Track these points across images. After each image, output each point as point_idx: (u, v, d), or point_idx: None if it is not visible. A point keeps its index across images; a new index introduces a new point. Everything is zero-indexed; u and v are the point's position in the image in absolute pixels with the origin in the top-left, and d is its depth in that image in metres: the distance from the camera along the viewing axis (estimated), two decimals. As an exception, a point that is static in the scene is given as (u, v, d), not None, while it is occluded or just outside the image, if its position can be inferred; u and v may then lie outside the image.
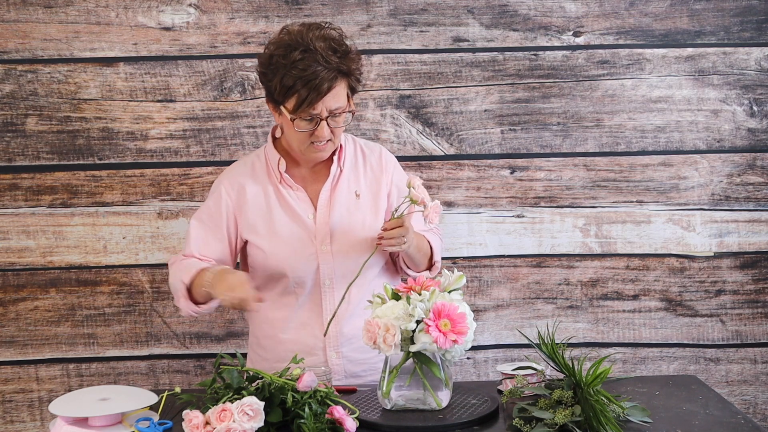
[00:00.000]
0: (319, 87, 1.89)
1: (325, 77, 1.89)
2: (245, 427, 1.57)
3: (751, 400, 2.65)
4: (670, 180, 2.61)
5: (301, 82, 1.89)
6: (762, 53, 2.58)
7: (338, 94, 1.94)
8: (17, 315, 2.62)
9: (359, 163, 2.12)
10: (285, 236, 2.04)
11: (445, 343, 1.64)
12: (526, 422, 1.62)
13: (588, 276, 2.63)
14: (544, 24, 2.58)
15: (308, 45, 1.90)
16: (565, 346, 1.70)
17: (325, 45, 1.92)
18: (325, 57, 1.89)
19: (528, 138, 2.60)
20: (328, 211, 2.06)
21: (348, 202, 2.07)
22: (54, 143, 2.59)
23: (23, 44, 2.57)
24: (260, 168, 2.10)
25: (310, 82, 1.88)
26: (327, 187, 2.07)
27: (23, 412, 2.65)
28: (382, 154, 2.15)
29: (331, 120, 1.95)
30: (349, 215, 2.07)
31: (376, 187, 2.10)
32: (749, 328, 2.64)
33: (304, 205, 2.07)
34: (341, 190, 2.07)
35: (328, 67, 1.90)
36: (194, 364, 2.65)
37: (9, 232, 2.61)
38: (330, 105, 1.93)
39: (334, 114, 1.94)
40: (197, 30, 2.57)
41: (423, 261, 2.08)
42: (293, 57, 1.90)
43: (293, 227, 2.05)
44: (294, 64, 1.89)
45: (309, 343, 2.05)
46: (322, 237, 2.04)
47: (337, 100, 1.93)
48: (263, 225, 2.06)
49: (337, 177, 2.08)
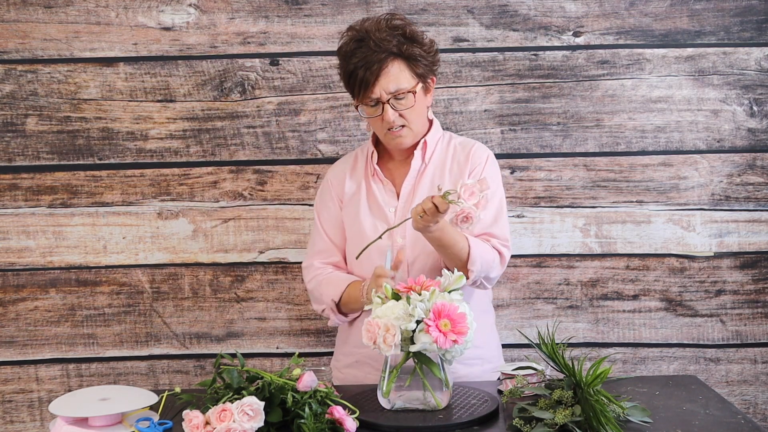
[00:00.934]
0: (371, 68, 1.98)
1: (376, 59, 1.98)
2: (245, 427, 1.57)
3: (751, 400, 2.65)
4: (670, 180, 2.61)
5: (357, 67, 1.99)
6: (762, 53, 2.58)
7: (394, 74, 2.00)
8: (17, 315, 2.62)
9: (448, 158, 2.14)
10: (366, 228, 2.10)
11: (445, 343, 1.64)
12: (526, 422, 1.62)
13: (588, 276, 2.63)
14: (544, 24, 2.58)
15: (365, 34, 2.01)
16: (565, 346, 1.70)
17: (381, 32, 2.01)
18: (378, 42, 1.99)
19: (528, 138, 2.60)
20: (409, 206, 2.10)
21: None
22: (54, 143, 2.59)
23: (23, 44, 2.57)
24: (361, 161, 2.20)
25: (363, 65, 1.98)
26: (410, 181, 2.12)
27: (23, 412, 2.65)
28: (473, 149, 2.14)
29: (395, 102, 2.02)
30: None
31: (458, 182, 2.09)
32: (749, 328, 2.64)
33: (388, 198, 2.13)
34: (424, 184, 2.11)
35: (380, 50, 1.99)
36: (194, 364, 2.65)
37: (9, 232, 2.61)
38: (387, 87, 2.00)
39: (396, 96, 2.01)
40: (197, 30, 2.57)
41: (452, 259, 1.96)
42: (351, 47, 2.02)
43: (374, 220, 2.11)
44: (353, 53, 2.01)
45: None
46: (400, 230, 2.05)
47: (395, 82, 2.00)
48: (352, 216, 2.14)
49: (421, 171, 2.12)
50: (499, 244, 2.06)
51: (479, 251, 1.97)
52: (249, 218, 2.61)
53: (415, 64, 2.03)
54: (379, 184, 2.15)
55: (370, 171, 2.16)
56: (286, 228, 2.61)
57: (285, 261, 2.62)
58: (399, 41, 2.01)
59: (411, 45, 2.02)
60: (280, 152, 2.59)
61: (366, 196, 2.15)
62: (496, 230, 2.07)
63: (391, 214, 2.11)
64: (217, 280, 2.62)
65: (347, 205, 2.17)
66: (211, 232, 2.62)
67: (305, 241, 2.60)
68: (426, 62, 2.05)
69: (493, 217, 2.09)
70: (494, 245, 2.04)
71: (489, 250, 2.01)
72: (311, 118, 2.60)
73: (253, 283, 2.62)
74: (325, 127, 2.60)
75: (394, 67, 2.00)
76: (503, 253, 2.06)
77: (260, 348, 2.64)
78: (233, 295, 2.63)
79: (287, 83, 2.59)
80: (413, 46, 2.03)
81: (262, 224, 2.61)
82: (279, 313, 2.63)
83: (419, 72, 2.04)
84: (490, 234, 2.06)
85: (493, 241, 2.05)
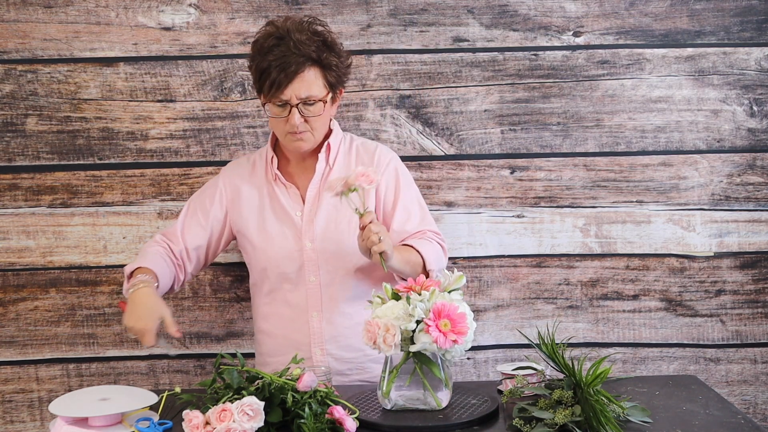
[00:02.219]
0: (287, 70, 1.95)
1: (293, 61, 1.95)
2: (245, 427, 1.57)
3: (751, 400, 2.65)
4: (670, 180, 2.61)
5: (272, 65, 1.96)
6: (762, 53, 2.58)
7: (309, 81, 1.98)
8: (17, 315, 2.62)
9: (351, 160, 2.15)
10: (273, 233, 2.10)
11: (445, 343, 1.64)
12: (526, 422, 1.62)
13: (588, 276, 2.63)
14: (544, 24, 2.58)
15: (284, 33, 1.98)
16: (565, 346, 1.70)
17: (303, 35, 1.98)
18: (298, 44, 1.96)
19: (528, 138, 2.60)
20: (315, 209, 2.08)
21: (336, 200, 2.07)
22: (54, 143, 2.59)
23: (23, 44, 2.57)
24: (260, 166, 2.17)
25: (279, 65, 1.95)
26: (315, 185, 2.11)
27: (23, 412, 2.65)
28: (377, 151, 2.16)
29: (304, 108, 2.00)
30: (336, 213, 2.09)
31: None
32: (749, 328, 2.64)
33: (293, 202, 2.12)
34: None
35: (299, 53, 1.96)
36: (194, 364, 2.65)
37: (9, 232, 2.61)
38: (299, 92, 1.98)
39: (305, 102, 1.99)
40: (197, 30, 2.57)
41: (414, 272, 2.01)
42: (269, 43, 1.99)
43: (281, 224, 2.10)
44: (270, 49, 1.98)
45: (295, 338, 2.10)
46: (308, 234, 2.06)
47: (307, 88, 1.98)
48: (254, 222, 2.12)
49: (326, 174, 2.12)
50: (432, 234, 2.13)
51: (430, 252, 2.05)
52: (249, 218, 2.61)
53: (329, 73, 2.02)
54: (282, 189, 2.12)
55: (272, 176, 2.14)
56: (286, 228, 2.61)
57: (285, 261, 2.62)
58: (318, 47, 1.99)
59: (329, 54, 2.01)
60: (280, 152, 2.59)
61: (269, 201, 2.12)
62: (425, 226, 2.14)
63: (298, 218, 2.09)
64: (217, 280, 2.62)
65: (247, 213, 2.14)
66: (211, 232, 2.61)
67: (305, 241, 2.60)
68: (339, 73, 2.05)
69: (419, 216, 2.15)
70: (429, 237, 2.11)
71: (434, 247, 2.09)
72: (311, 118, 2.59)
73: (253, 283, 2.62)
74: (325, 127, 2.59)
75: (310, 74, 1.98)
76: (444, 246, 2.15)
77: (260, 348, 2.63)
78: (233, 295, 2.63)
79: (287, 83, 2.59)
80: (331, 55, 2.01)
81: (262, 224, 2.61)
82: (279, 313, 2.63)
83: (331, 81, 2.03)
84: (422, 231, 2.13)
85: (429, 234, 2.12)
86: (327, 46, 2.01)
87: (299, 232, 2.09)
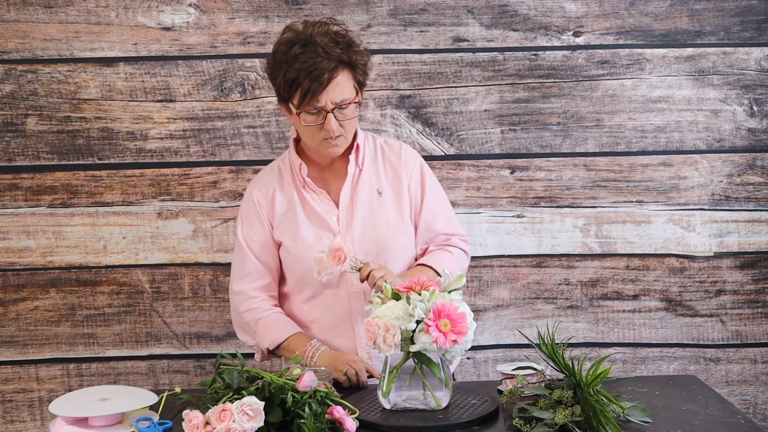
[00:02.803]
0: (320, 77, 1.90)
1: (326, 67, 1.91)
2: (245, 427, 1.57)
3: (751, 400, 2.65)
4: (670, 180, 2.61)
5: (303, 74, 1.91)
6: (762, 53, 2.58)
7: (342, 85, 1.94)
8: (17, 315, 2.62)
9: (379, 160, 2.12)
10: (309, 240, 2.05)
11: (445, 343, 1.64)
12: (526, 422, 1.62)
13: (588, 276, 2.63)
14: (544, 24, 2.58)
15: (309, 38, 1.93)
16: (565, 346, 1.70)
17: (326, 38, 1.94)
18: (326, 49, 1.91)
19: (528, 138, 2.60)
20: (351, 212, 2.06)
21: (371, 201, 2.06)
22: (54, 143, 2.59)
23: (23, 44, 2.57)
24: (286, 173, 2.12)
25: (311, 73, 1.90)
26: (347, 188, 2.07)
27: (23, 412, 2.65)
28: (402, 150, 2.13)
29: (338, 112, 1.96)
30: (372, 213, 2.06)
31: (398, 183, 2.09)
32: (749, 328, 2.64)
33: (327, 207, 2.07)
34: (362, 189, 2.07)
35: (329, 57, 1.91)
36: (194, 364, 2.65)
37: (9, 232, 2.61)
38: (334, 96, 1.94)
39: (340, 106, 1.95)
40: (197, 30, 2.57)
41: None
42: (294, 51, 1.93)
43: (317, 231, 2.06)
44: (296, 57, 1.92)
45: (340, 344, 2.05)
46: (348, 238, 2.04)
47: (341, 92, 1.94)
48: (288, 230, 2.08)
49: (356, 176, 2.09)
50: (459, 240, 2.11)
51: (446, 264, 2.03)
52: (249, 218, 2.61)
53: (357, 73, 1.99)
54: (313, 195, 2.08)
55: (300, 183, 2.09)
56: (286, 228, 2.61)
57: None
58: (344, 49, 1.95)
59: (355, 53, 1.97)
60: (280, 152, 2.59)
61: (302, 208, 2.08)
62: (451, 229, 2.13)
63: (333, 222, 2.05)
64: (217, 280, 2.62)
65: (281, 223, 2.09)
66: (211, 232, 2.62)
67: (305, 241, 2.60)
68: (365, 71, 2.02)
69: (446, 216, 2.13)
70: (454, 243, 2.10)
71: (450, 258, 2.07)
72: (311, 118, 2.60)
73: (253, 283, 2.62)
74: (325, 127, 2.59)
75: (342, 77, 1.94)
76: (466, 249, 2.13)
77: (260, 348, 2.64)
78: (233, 295, 2.63)
79: (287, 83, 2.59)
80: (356, 55, 1.97)
81: (262, 224, 2.61)
82: (279, 313, 2.63)
83: (360, 81, 2.00)
84: (448, 234, 2.11)
85: (453, 239, 2.11)
86: (351, 46, 1.97)
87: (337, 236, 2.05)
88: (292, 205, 2.08)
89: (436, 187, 2.15)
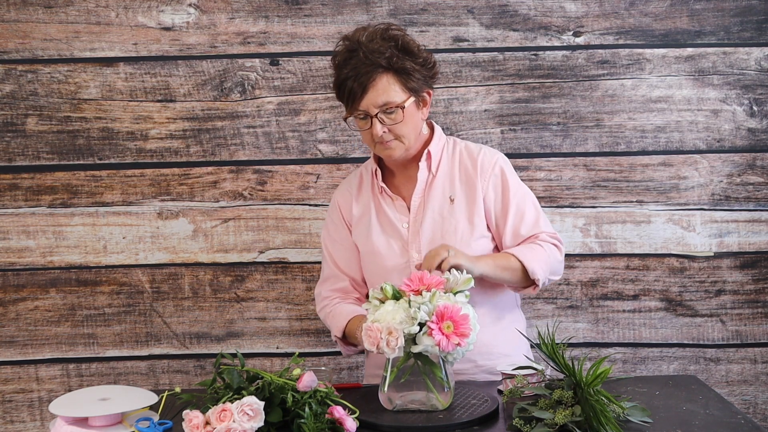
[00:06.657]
0: (359, 80, 1.93)
1: (364, 71, 1.93)
2: (245, 427, 1.57)
3: (751, 400, 2.65)
4: (670, 180, 2.61)
5: (348, 78, 1.95)
6: (762, 53, 2.58)
7: (382, 88, 1.94)
8: (17, 315, 2.62)
9: (455, 166, 2.09)
10: (379, 246, 2.07)
11: (448, 345, 1.64)
12: (526, 422, 1.62)
13: (588, 276, 2.63)
14: (544, 24, 2.58)
15: (356, 45, 1.97)
16: (565, 346, 1.70)
17: (374, 43, 1.95)
18: (367, 54, 1.94)
19: (528, 138, 2.60)
20: (421, 219, 2.06)
21: (441, 208, 2.05)
22: (54, 143, 2.59)
23: (23, 44, 2.57)
24: (366, 179, 2.15)
25: (353, 77, 1.94)
26: (418, 194, 2.07)
27: (23, 412, 2.65)
28: (480, 155, 2.09)
29: (385, 116, 1.96)
30: (442, 221, 2.04)
31: (472, 191, 2.06)
32: (749, 328, 2.64)
33: (399, 214, 2.08)
34: (435, 195, 2.06)
35: (369, 62, 1.93)
36: (194, 364, 2.65)
37: (9, 232, 2.61)
38: (375, 100, 1.95)
39: (385, 110, 1.95)
40: (197, 30, 2.57)
41: (513, 279, 1.99)
42: (343, 57, 1.98)
43: (387, 237, 2.07)
44: (344, 63, 1.97)
45: None
46: (415, 245, 2.04)
47: (383, 95, 1.94)
48: (363, 235, 2.11)
49: (429, 182, 2.07)
50: (547, 236, 2.06)
51: (530, 257, 1.98)
52: (249, 218, 2.61)
53: (406, 78, 1.96)
54: (388, 201, 2.09)
55: (377, 189, 2.11)
56: (286, 228, 2.61)
57: (285, 261, 2.62)
58: (391, 53, 1.94)
59: (403, 58, 1.96)
60: (280, 152, 2.59)
61: (376, 214, 2.10)
62: (540, 228, 2.07)
63: (404, 229, 2.06)
64: (217, 280, 2.62)
65: (357, 226, 2.13)
66: (211, 232, 2.62)
67: (305, 241, 2.60)
68: (420, 76, 1.98)
69: (533, 217, 2.08)
70: (543, 239, 2.05)
71: (540, 251, 2.01)
72: (311, 118, 2.60)
73: (253, 283, 2.62)
74: (325, 127, 2.60)
75: (382, 81, 1.94)
76: (559, 246, 2.07)
77: (260, 348, 2.64)
78: (233, 295, 2.63)
79: (287, 83, 2.59)
80: (405, 59, 1.96)
81: (262, 224, 2.61)
82: (279, 313, 2.63)
83: (411, 86, 1.97)
84: (535, 234, 2.06)
85: (542, 236, 2.05)
86: (400, 50, 1.96)
87: (406, 243, 2.05)
88: (368, 210, 2.11)
89: (519, 190, 2.09)
